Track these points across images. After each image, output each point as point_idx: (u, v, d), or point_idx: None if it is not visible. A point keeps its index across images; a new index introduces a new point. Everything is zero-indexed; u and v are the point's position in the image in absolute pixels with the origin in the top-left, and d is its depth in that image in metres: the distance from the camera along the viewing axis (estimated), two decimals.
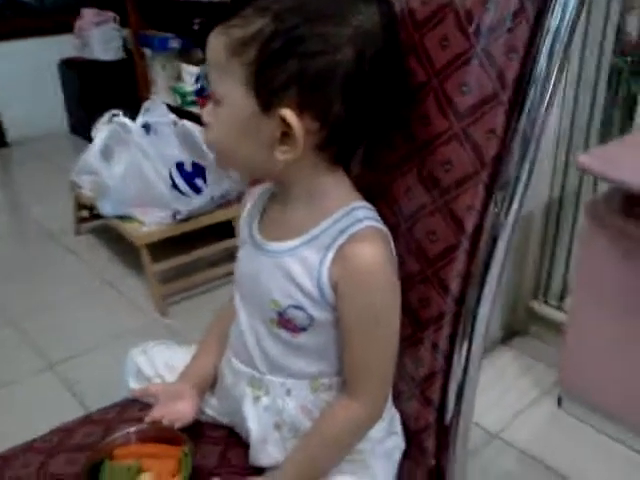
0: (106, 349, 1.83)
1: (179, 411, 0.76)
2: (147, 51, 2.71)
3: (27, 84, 3.56)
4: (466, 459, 0.82)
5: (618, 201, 1.37)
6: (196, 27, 2.57)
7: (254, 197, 0.76)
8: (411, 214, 0.74)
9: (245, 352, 0.72)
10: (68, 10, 3.46)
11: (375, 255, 0.64)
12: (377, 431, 0.72)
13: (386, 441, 0.75)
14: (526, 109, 0.66)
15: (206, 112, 0.66)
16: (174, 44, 2.59)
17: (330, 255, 0.64)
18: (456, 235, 0.71)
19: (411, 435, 0.79)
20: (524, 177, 0.68)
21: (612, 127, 1.66)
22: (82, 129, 3.34)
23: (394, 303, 0.66)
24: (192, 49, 2.61)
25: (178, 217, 2.03)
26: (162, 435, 0.74)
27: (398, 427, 0.77)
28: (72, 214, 2.50)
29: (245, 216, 0.76)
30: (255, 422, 0.72)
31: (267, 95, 0.60)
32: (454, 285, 0.73)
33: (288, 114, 0.59)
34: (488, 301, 0.73)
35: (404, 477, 0.77)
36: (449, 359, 0.77)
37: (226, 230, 2.19)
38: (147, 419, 0.76)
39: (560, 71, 0.65)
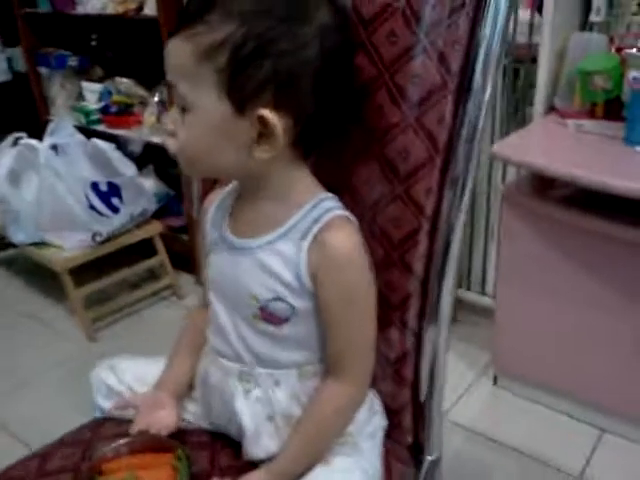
0: (38, 385, 1.74)
1: (163, 419, 0.75)
2: (43, 70, 2.58)
3: None
4: (442, 435, 0.86)
5: (530, 185, 1.49)
6: (93, 43, 2.51)
7: (216, 202, 0.77)
8: (373, 202, 0.78)
9: (230, 350, 0.73)
10: None
11: (349, 240, 0.68)
12: (361, 412, 0.75)
13: (371, 421, 0.78)
14: (472, 94, 0.71)
15: (171, 120, 0.66)
16: (72, 62, 2.49)
17: (306, 245, 0.67)
18: (417, 219, 0.76)
19: (390, 414, 0.82)
20: (474, 159, 0.74)
21: (511, 121, 1.79)
22: None
23: (369, 283, 0.70)
24: (91, 66, 2.53)
25: (98, 239, 1.96)
26: (151, 445, 0.73)
27: (379, 407, 0.81)
28: None
29: (210, 221, 0.76)
30: (248, 416, 0.73)
31: (242, 98, 0.61)
32: (418, 266, 0.78)
33: (268, 114, 0.61)
34: (450, 278, 0.78)
35: (387, 455, 0.80)
36: (419, 338, 0.81)
37: (146, 249, 2.14)
38: (131, 430, 0.74)
39: (500, 58, 0.71)
